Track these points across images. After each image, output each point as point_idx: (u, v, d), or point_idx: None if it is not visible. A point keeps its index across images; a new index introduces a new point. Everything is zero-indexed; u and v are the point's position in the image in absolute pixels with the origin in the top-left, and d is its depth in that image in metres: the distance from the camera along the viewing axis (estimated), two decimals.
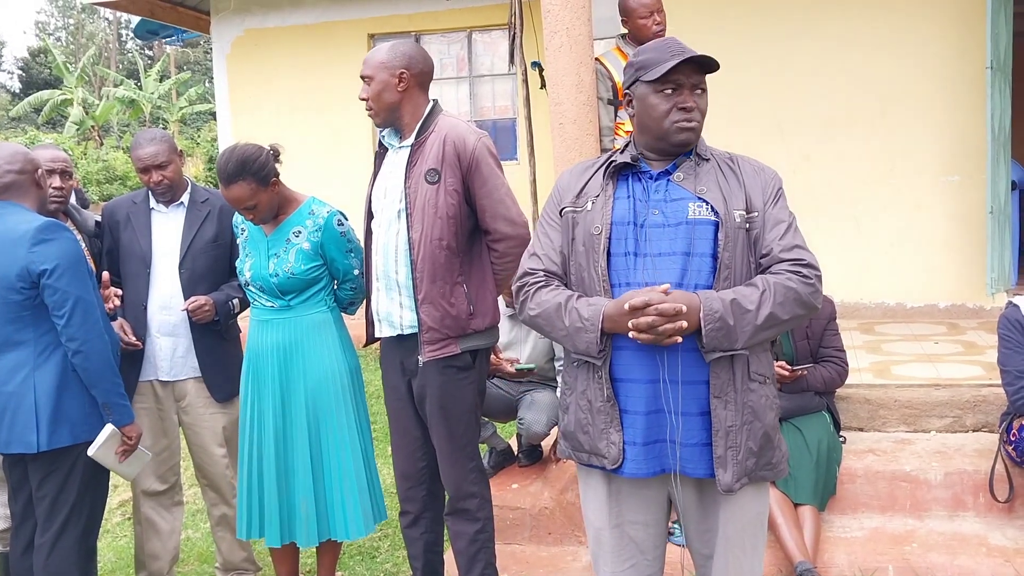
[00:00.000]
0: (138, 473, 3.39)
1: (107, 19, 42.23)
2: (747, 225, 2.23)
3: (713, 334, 2.12)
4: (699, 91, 2.27)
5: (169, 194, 3.55)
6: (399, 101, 3.06)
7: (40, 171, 3.07)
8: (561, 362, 4.24)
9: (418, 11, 8.42)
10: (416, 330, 3.04)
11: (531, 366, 4.23)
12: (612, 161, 2.35)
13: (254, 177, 3.18)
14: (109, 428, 3.01)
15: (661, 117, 2.26)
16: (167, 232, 3.56)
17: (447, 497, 3.24)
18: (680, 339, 2.11)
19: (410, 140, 3.07)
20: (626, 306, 2.11)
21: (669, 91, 2.25)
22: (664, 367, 2.18)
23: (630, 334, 2.12)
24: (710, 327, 2.11)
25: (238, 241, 3.46)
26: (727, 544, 2.31)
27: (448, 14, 8.33)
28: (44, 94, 29.35)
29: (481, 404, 3.23)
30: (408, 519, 3.28)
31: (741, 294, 2.15)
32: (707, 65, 2.25)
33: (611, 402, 2.24)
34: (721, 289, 2.18)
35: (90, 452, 3.00)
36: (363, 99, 3.08)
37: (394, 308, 3.09)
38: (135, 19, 10.40)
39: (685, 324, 2.09)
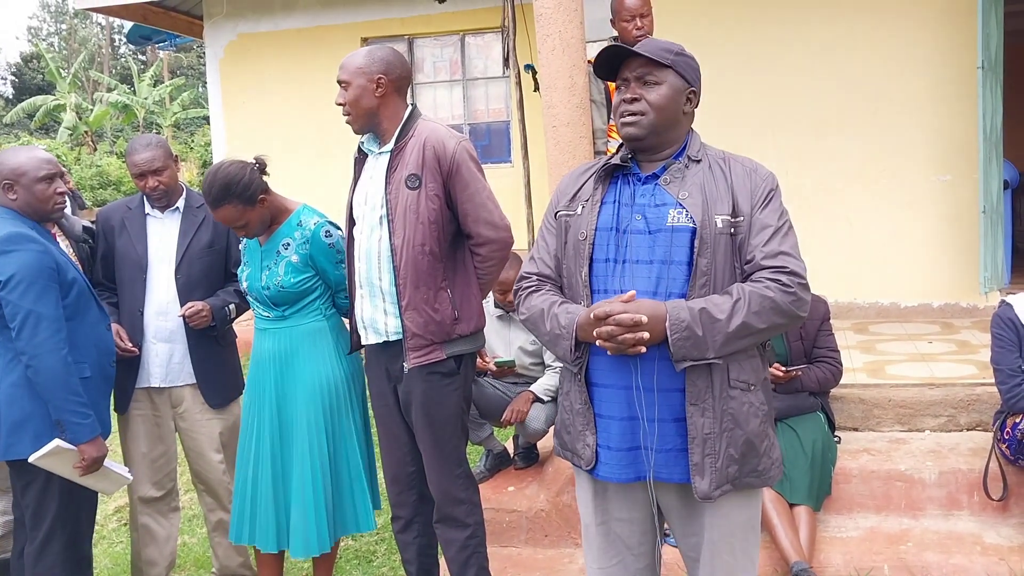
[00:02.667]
0: (117, 487, 3.31)
1: (100, 24, 42.19)
2: (731, 230, 2.20)
3: (680, 343, 2.10)
4: (647, 82, 2.25)
5: (165, 199, 3.56)
6: (377, 107, 3.04)
7: (5, 181, 3.04)
8: (548, 367, 4.30)
9: (411, 14, 8.43)
10: (401, 336, 3.04)
11: (510, 360, 4.23)
12: (607, 164, 2.35)
13: (239, 199, 3.16)
14: (56, 441, 2.94)
15: (614, 113, 2.32)
16: (163, 238, 3.56)
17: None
18: (643, 349, 2.11)
19: (389, 146, 3.05)
20: (591, 315, 2.14)
21: (620, 86, 2.29)
22: (637, 373, 2.19)
23: (597, 343, 2.14)
24: (676, 336, 2.10)
25: (240, 247, 3.46)
26: (713, 550, 2.30)
27: (441, 17, 8.34)
28: (37, 99, 29.31)
29: (467, 410, 3.21)
30: (400, 524, 3.27)
31: (712, 303, 2.12)
32: (657, 56, 2.24)
33: (587, 405, 2.27)
34: (697, 296, 2.16)
35: (30, 459, 2.94)
36: (340, 104, 3.06)
37: (378, 315, 3.08)
38: (128, 24, 10.39)
39: (647, 335, 2.08)
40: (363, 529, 3.38)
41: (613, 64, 2.31)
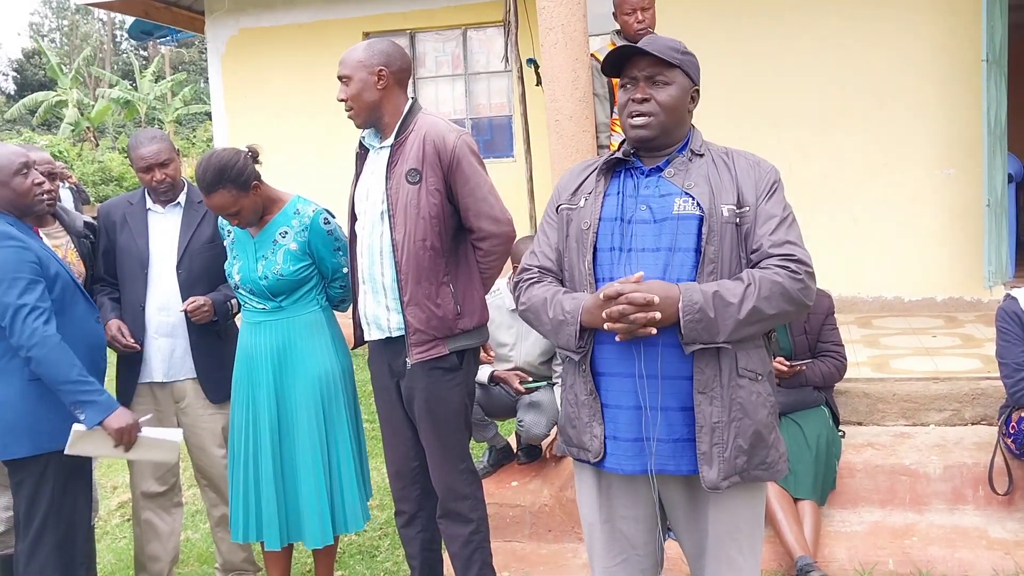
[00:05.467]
0: (173, 452, 3.29)
1: (101, 20, 42.16)
2: (737, 220, 2.21)
3: (692, 326, 2.10)
4: (657, 83, 2.25)
5: (171, 193, 3.56)
6: (379, 100, 3.02)
7: None
8: (559, 362, 4.28)
9: (413, 9, 8.40)
10: (403, 332, 3.03)
11: (539, 386, 4.21)
12: (609, 158, 2.35)
13: (233, 184, 3.16)
14: (74, 427, 2.93)
15: (620, 111, 2.30)
16: (164, 233, 3.56)
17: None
18: (654, 330, 2.10)
19: (390, 140, 3.04)
20: (601, 295, 2.12)
21: (626, 85, 2.28)
22: (641, 361, 2.17)
23: (605, 326, 2.12)
24: (688, 318, 2.09)
25: (225, 243, 3.45)
26: (718, 544, 2.29)
27: (443, 12, 8.32)
28: (39, 96, 29.31)
29: (471, 405, 3.20)
30: (403, 518, 3.27)
31: (724, 287, 2.13)
32: (667, 56, 2.23)
33: (593, 396, 2.25)
34: (705, 283, 2.17)
35: (67, 451, 2.94)
36: (342, 100, 3.04)
37: (381, 311, 3.07)
38: (129, 19, 10.37)
39: (658, 316, 2.08)
40: (352, 529, 3.37)
41: (619, 61, 2.29)
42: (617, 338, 2.13)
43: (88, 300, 3.18)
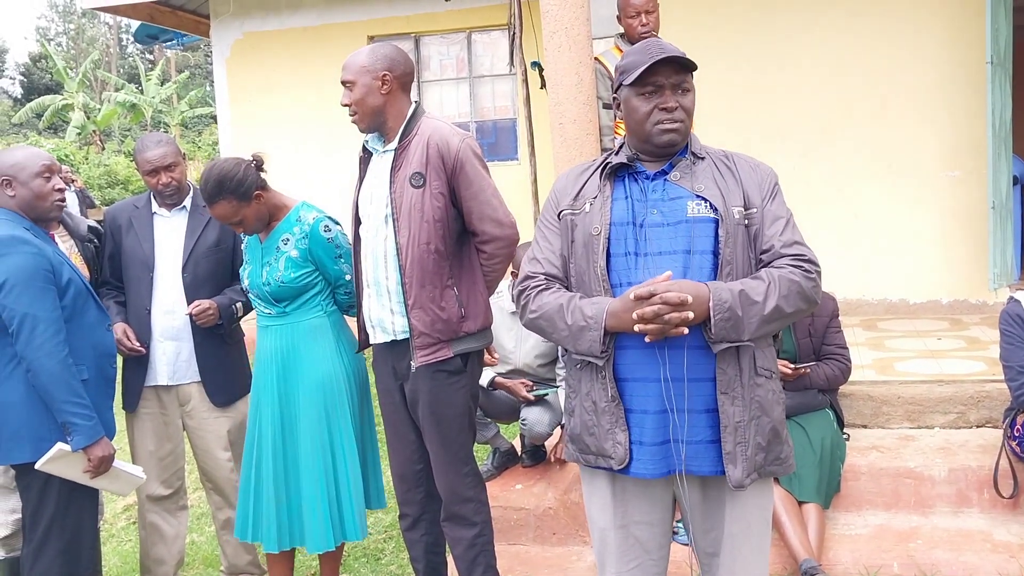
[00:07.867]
0: (131, 487, 3.30)
1: (107, 24, 42.30)
2: (746, 221, 2.24)
3: (722, 324, 2.11)
4: (682, 90, 2.27)
5: (176, 196, 3.57)
6: (383, 104, 3.03)
7: (3, 178, 3.01)
8: (562, 366, 4.27)
9: (417, 12, 8.42)
10: (408, 335, 3.03)
11: (546, 392, 4.22)
12: (608, 162, 2.35)
13: (233, 194, 3.17)
14: (58, 445, 2.91)
15: (643, 119, 2.27)
16: (170, 236, 3.57)
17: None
18: (686, 330, 2.10)
19: (393, 144, 3.04)
20: (631, 295, 2.11)
21: (649, 93, 2.26)
22: (667, 365, 2.18)
23: (636, 327, 2.10)
24: (719, 317, 2.10)
25: (241, 247, 3.46)
26: (732, 543, 2.31)
27: (447, 15, 8.33)
28: (45, 99, 29.41)
29: (475, 407, 3.20)
30: (407, 522, 3.27)
31: (748, 285, 2.15)
32: (689, 63, 2.25)
33: (616, 402, 2.24)
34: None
35: (37, 466, 2.92)
36: (346, 105, 3.05)
37: (385, 314, 3.08)
38: (135, 23, 10.40)
39: (691, 315, 2.08)
40: (351, 538, 3.33)
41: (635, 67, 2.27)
42: (647, 339, 2.12)
43: (99, 307, 3.17)
